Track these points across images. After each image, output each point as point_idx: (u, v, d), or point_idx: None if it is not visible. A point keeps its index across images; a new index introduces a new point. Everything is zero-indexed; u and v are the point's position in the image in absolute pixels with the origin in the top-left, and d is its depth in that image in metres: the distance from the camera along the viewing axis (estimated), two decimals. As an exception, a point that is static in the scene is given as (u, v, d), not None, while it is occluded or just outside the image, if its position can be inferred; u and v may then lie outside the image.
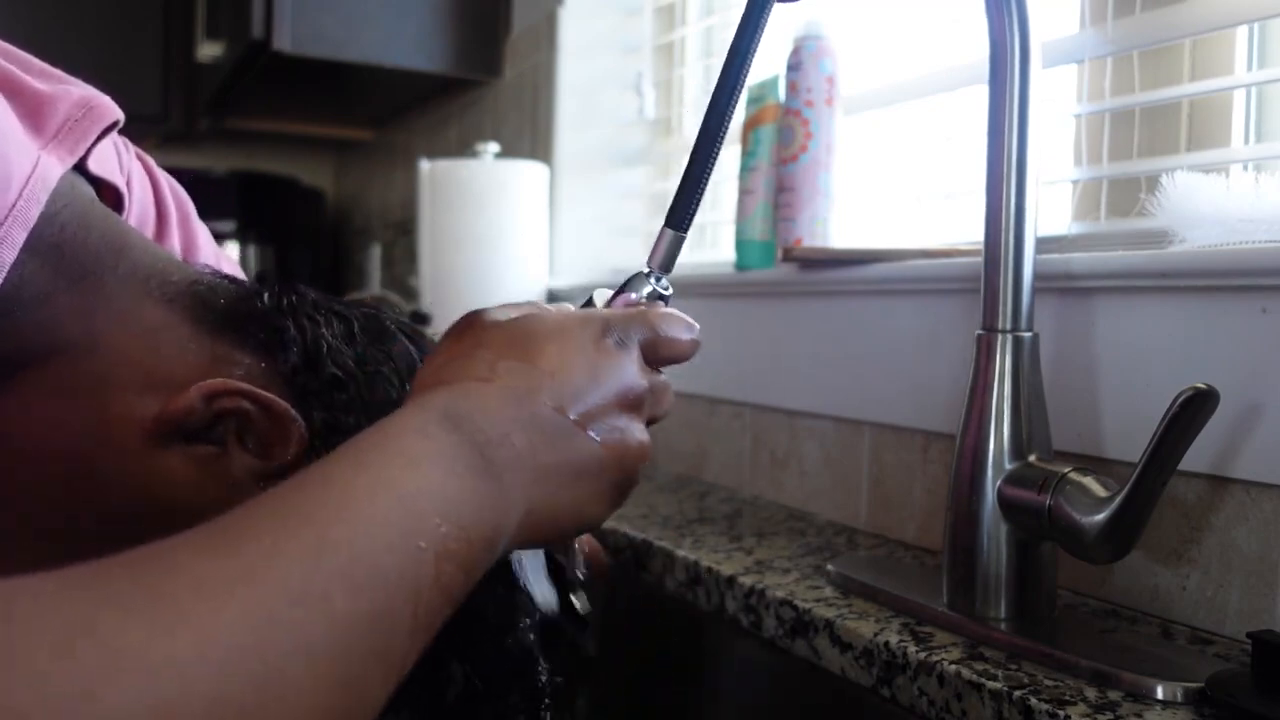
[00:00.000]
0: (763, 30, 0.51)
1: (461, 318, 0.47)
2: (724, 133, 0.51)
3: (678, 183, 0.53)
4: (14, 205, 0.40)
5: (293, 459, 0.46)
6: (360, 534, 0.32)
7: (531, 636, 0.49)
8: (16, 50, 0.49)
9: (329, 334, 0.49)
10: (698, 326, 0.50)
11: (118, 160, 0.54)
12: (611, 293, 0.52)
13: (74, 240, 0.45)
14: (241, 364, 0.47)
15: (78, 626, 0.26)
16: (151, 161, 0.61)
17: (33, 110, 0.45)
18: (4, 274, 0.41)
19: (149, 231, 0.58)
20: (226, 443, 0.45)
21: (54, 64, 0.50)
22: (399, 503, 0.34)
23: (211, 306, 0.48)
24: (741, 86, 0.51)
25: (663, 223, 0.53)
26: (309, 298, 0.51)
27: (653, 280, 0.52)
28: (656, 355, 0.48)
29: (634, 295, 0.51)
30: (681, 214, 0.52)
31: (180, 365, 0.46)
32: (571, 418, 0.43)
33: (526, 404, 0.41)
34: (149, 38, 2.18)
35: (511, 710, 0.47)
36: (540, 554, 0.51)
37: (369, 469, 0.35)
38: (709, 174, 0.52)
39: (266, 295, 0.50)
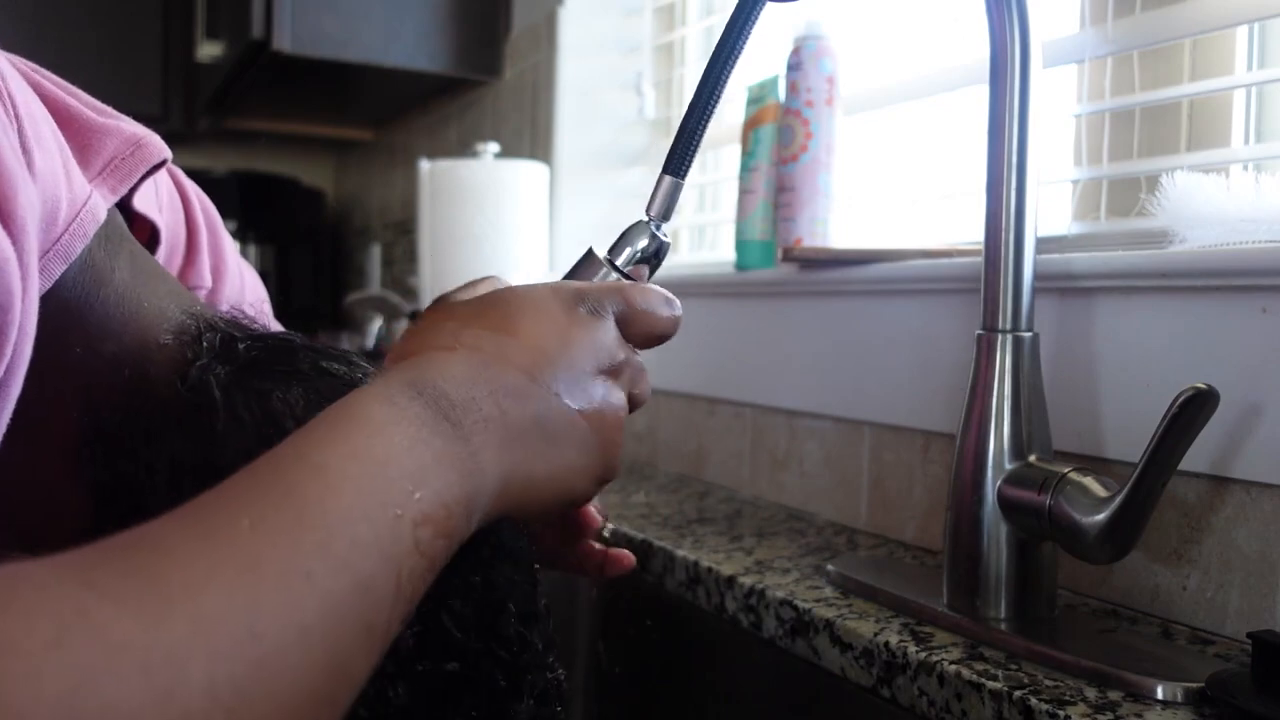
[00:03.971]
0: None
1: (431, 302, 0.47)
2: (725, 79, 0.50)
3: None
4: (59, 239, 0.40)
5: None
6: (335, 507, 0.32)
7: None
8: (70, 86, 0.49)
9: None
10: (678, 303, 0.48)
11: (154, 190, 0.54)
12: (609, 246, 0.51)
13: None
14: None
15: (71, 618, 0.26)
16: (181, 175, 0.60)
17: (83, 143, 0.45)
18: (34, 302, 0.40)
19: (178, 258, 0.58)
20: None
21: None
22: (370, 472, 0.34)
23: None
24: (748, 36, 0.50)
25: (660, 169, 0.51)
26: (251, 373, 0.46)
27: (653, 228, 0.51)
28: (633, 329, 0.46)
29: (633, 248, 0.50)
30: (680, 159, 0.50)
31: None
32: (541, 383, 0.42)
33: (493, 369, 0.41)
34: (149, 38, 2.18)
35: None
36: None
37: (338, 441, 0.35)
38: (709, 117, 0.50)
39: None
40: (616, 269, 0.51)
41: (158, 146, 0.49)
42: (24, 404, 0.39)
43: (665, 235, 0.51)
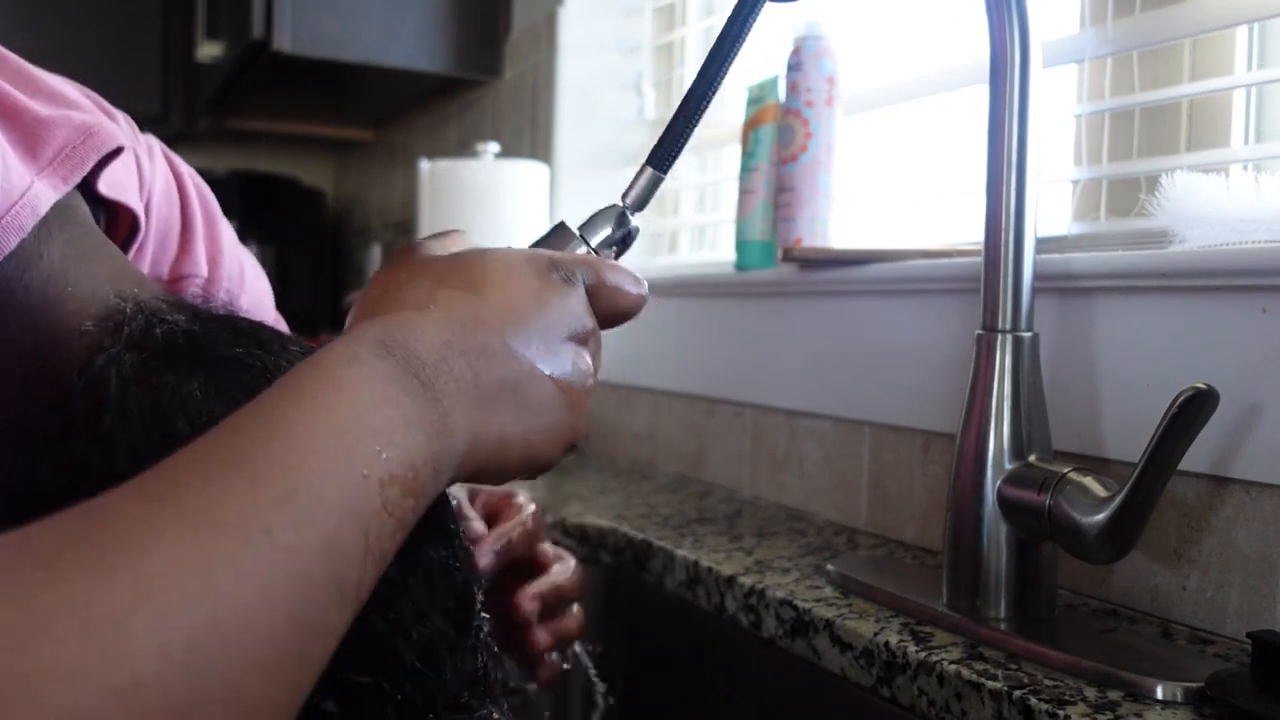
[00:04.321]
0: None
1: (396, 249, 0.46)
2: (721, 79, 0.51)
3: (666, 133, 0.52)
4: None
5: None
6: (296, 465, 0.32)
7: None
8: (26, 66, 0.48)
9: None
10: (646, 283, 0.49)
11: (138, 177, 0.53)
12: (581, 223, 0.52)
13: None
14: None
15: (3, 584, 0.25)
16: (179, 161, 0.60)
17: (29, 135, 0.44)
18: None
19: (172, 246, 0.58)
20: None
21: (53, 64, 0.50)
22: (334, 431, 0.34)
23: None
24: (747, 35, 0.51)
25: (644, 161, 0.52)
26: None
27: (625, 214, 0.52)
28: (600, 303, 0.47)
29: (604, 229, 0.51)
30: (664, 155, 0.51)
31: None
32: (514, 346, 0.42)
33: (467, 330, 0.41)
34: (149, 38, 2.18)
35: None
36: None
37: (302, 402, 0.34)
38: (701, 114, 0.51)
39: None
40: (587, 243, 0.51)
41: (109, 134, 0.47)
42: None
43: (635, 223, 0.52)
